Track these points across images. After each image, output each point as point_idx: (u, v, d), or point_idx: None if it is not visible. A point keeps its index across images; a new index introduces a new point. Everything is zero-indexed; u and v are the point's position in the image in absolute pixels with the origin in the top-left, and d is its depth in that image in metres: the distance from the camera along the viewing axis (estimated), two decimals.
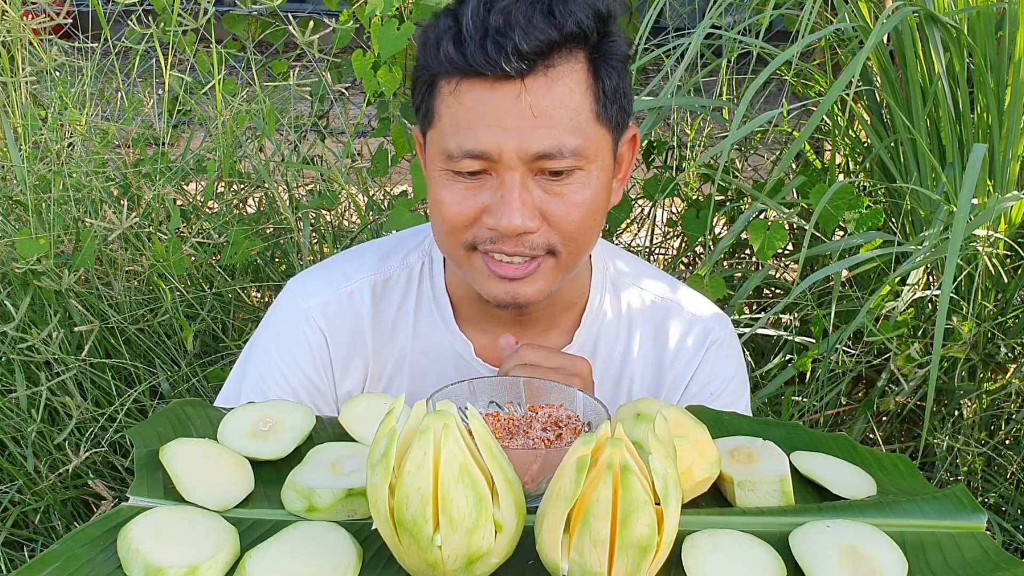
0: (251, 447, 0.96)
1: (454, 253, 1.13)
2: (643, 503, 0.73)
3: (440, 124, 1.08)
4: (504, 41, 1.01)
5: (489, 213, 1.07)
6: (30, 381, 1.90)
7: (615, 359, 1.26)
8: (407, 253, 1.26)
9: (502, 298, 1.11)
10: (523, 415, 0.99)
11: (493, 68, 1.01)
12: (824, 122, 2.18)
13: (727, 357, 1.27)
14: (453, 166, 1.07)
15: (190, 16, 2.06)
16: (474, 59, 1.02)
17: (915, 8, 1.82)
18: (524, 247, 1.08)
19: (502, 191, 1.06)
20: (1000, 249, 1.85)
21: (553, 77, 1.04)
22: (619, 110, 1.10)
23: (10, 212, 2.03)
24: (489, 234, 1.08)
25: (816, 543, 0.84)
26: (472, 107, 1.05)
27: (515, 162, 1.05)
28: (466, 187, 1.08)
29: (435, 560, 0.76)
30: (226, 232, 2.00)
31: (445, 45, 1.04)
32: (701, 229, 2.06)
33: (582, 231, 1.10)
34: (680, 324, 1.26)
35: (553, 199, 1.07)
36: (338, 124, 2.47)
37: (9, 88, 2.06)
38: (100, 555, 0.82)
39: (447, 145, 1.07)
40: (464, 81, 1.05)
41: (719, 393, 1.26)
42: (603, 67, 1.07)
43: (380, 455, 0.76)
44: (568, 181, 1.07)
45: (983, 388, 1.95)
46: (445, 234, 1.11)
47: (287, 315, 1.24)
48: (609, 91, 1.08)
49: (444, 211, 1.09)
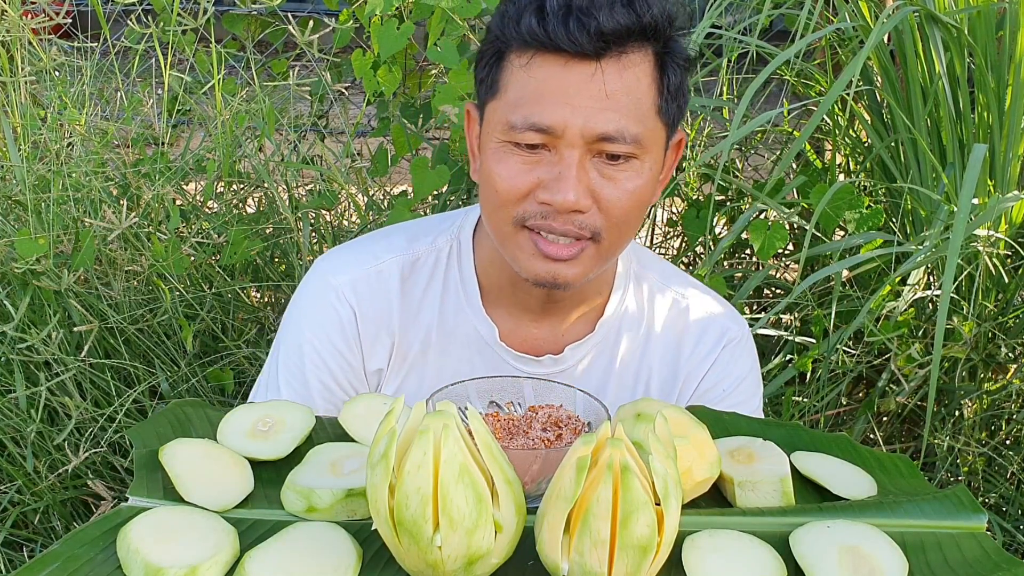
0: (251, 447, 0.96)
1: (502, 228, 1.13)
2: (643, 503, 0.73)
3: (506, 96, 1.10)
4: (587, 20, 1.04)
5: (544, 188, 1.08)
6: (29, 381, 1.90)
7: (634, 352, 1.28)
8: (436, 236, 1.27)
9: (543, 276, 1.12)
10: (523, 415, 0.99)
11: (573, 44, 1.04)
12: (824, 122, 2.18)
13: (741, 356, 1.29)
14: (514, 137, 1.08)
15: (190, 16, 2.06)
16: (555, 33, 1.04)
17: (916, 8, 1.82)
18: (573, 226, 1.09)
19: (560, 167, 1.08)
20: (1001, 249, 1.85)
21: (625, 63, 1.07)
22: (677, 108, 1.13)
23: (9, 212, 2.03)
24: (540, 209, 1.09)
25: (816, 543, 0.84)
26: (544, 81, 1.07)
27: (577, 140, 1.07)
28: (523, 160, 1.09)
29: (435, 560, 0.76)
30: (226, 232, 1.99)
31: (527, 17, 1.06)
32: (701, 229, 2.06)
33: (628, 219, 1.12)
34: (698, 322, 1.29)
35: (607, 183, 1.09)
36: (338, 124, 2.47)
37: (8, 88, 2.06)
38: (100, 555, 0.82)
39: (511, 116, 1.08)
40: (539, 55, 1.07)
41: (731, 391, 1.28)
42: (669, 63, 1.10)
43: (380, 455, 0.76)
44: (623, 167, 1.09)
45: (984, 388, 1.95)
46: (496, 207, 1.12)
47: (317, 292, 1.25)
48: (672, 88, 1.11)
49: (498, 183, 1.11)
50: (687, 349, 1.28)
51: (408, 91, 2.30)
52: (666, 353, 1.28)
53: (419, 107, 2.24)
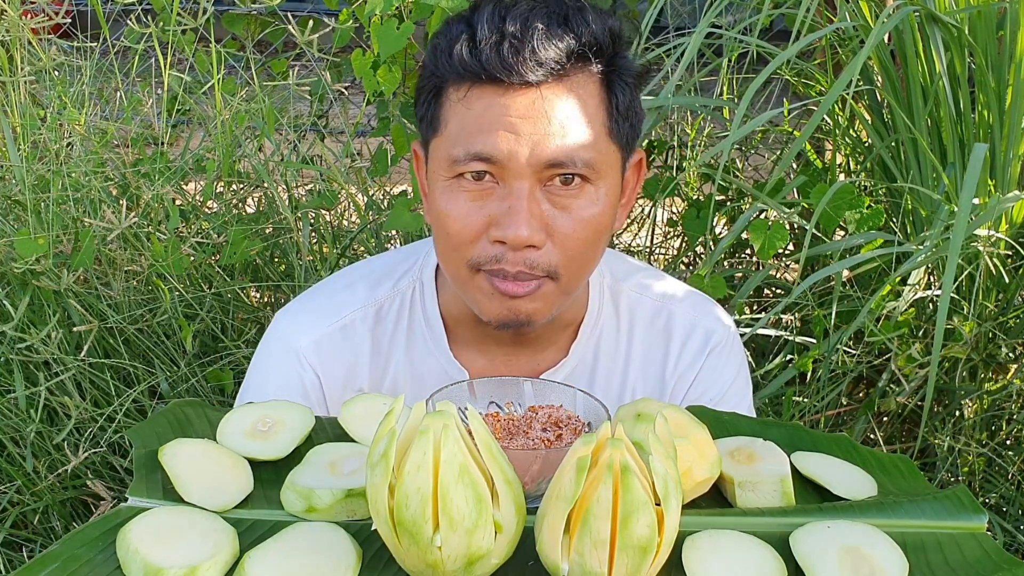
0: (250, 447, 0.96)
1: (458, 273, 1.10)
2: (643, 503, 0.73)
3: (447, 131, 1.06)
4: (521, 46, 1.00)
5: (496, 225, 1.04)
6: (29, 381, 1.89)
7: (616, 371, 1.25)
8: (398, 279, 1.23)
9: (504, 316, 1.08)
10: (523, 415, 0.99)
11: (509, 73, 1.00)
12: (825, 122, 2.17)
13: (728, 361, 1.26)
14: (458, 169, 1.04)
15: (189, 15, 2.06)
16: (488, 63, 1.00)
17: (916, 7, 1.82)
18: (524, 266, 1.05)
19: (510, 201, 1.03)
20: (1001, 249, 1.85)
21: (568, 87, 1.03)
22: (630, 128, 1.09)
23: (9, 212, 2.03)
24: (494, 251, 1.05)
25: (817, 544, 0.84)
26: (482, 113, 1.03)
27: (525, 170, 1.02)
28: (471, 196, 1.05)
29: (435, 561, 0.76)
30: (225, 232, 1.99)
31: (458, 50, 1.02)
32: (701, 229, 2.06)
33: (585, 251, 1.08)
34: (681, 330, 1.25)
35: (560, 214, 1.05)
36: (338, 124, 2.47)
37: (8, 88, 2.06)
38: (99, 555, 0.82)
39: (452, 151, 1.05)
40: (475, 87, 1.03)
41: (720, 397, 1.25)
42: (617, 82, 1.06)
43: (380, 455, 0.76)
44: (577, 194, 1.05)
45: (984, 388, 1.95)
46: (450, 250, 1.08)
47: (278, 357, 1.21)
48: (622, 107, 1.07)
49: (449, 224, 1.06)
50: (671, 361, 1.24)
51: (408, 91, 2.29)
52: (649, 366, 1.25)
53: None
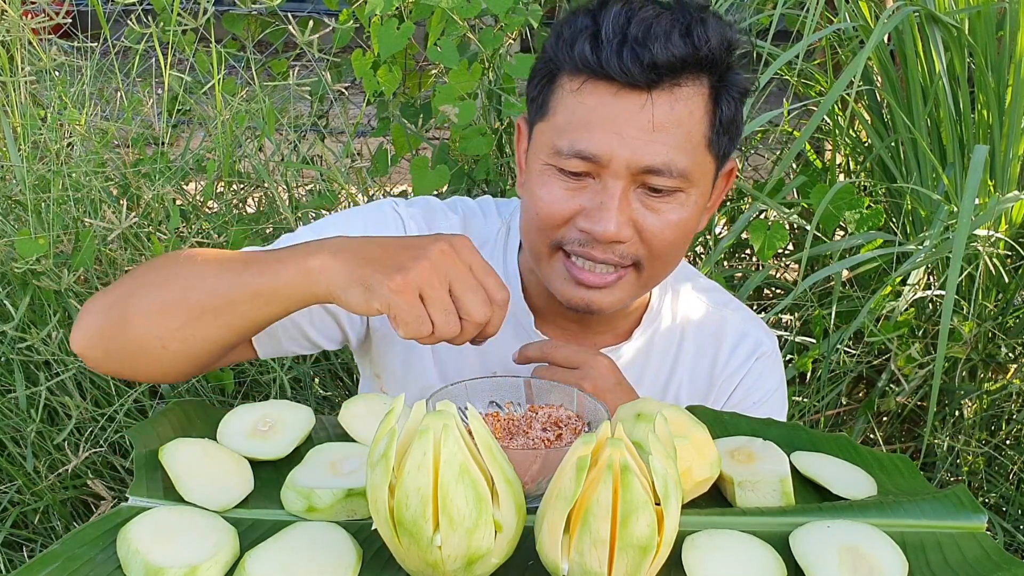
0: (251, 447, 0.96)
1: (538, 249, 1.13)
2: (643, 503, 0.73)
3: (554, 119, 1.09)
4: (641, 51, 1.02)
5: (585, 216, 1.07)
6: (29, 381, 1.90)
7: (666, 363, 1.28)
8: (488, 217, 1.27)
9: (576, 303, 1.12)
10: (523, 415, 0.99)
11: (625, 75, 1.03)
12: (825, 122, 2.18)
13: (772, 370, 1.30)
14: (559, 163, 1.07)
15: (190, 16, 2.06)
16: (608, 63, 1.03)
17: (916, 8, 1.82)
18: (613, 255, 1.08)
19: (603, 197, 1.06)
20: (1001, 249, 1.85)
21: (678, 96, 1.05)
22: (729, 141, 1.11)
23: (9, 212, 2.03)
24: (579, 236, 1.09)
25: (816, 543, 0.84)
26: (593, 108, 1.05)
27: (623, 171, 1.05)
28: (567, 186, 1.08)
29: (435, 560, 0.76)
30: (226, 232, 1.99)
31: (581, 44, 1.05)
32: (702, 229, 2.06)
33: (670, 250, 1.11)
34: (732, 335, 1.29)
35: (649, 214, 1.08)
36: (338, 124, 2.47)
37: (8, 88, 2.06)
38: (100, 555, 0.82)
39: (558, 141, 1.07)
40: (590, 82, 1.05)
41: (761, 402, 1.28)
42: (724, 96, 1.08)
43: (380, 455, 0.76)
44: (667, 200, 1.08)
45: (984, 388, 1.95)
46: (536, 229, 1.12)
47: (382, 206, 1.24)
48: (725, 121, 1.09)
49: (540, 206, 1.10)
50: (721, 360, 1.28)
51: (408, 91, 2.30)
52: (699, 364, 1.28)
53: (419, 107, 2.24)
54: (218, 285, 1.02)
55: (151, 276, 1.07)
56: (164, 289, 1.04)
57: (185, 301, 1.03)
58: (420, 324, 0.95)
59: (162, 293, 1.04)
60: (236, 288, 1.01)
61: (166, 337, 1.04)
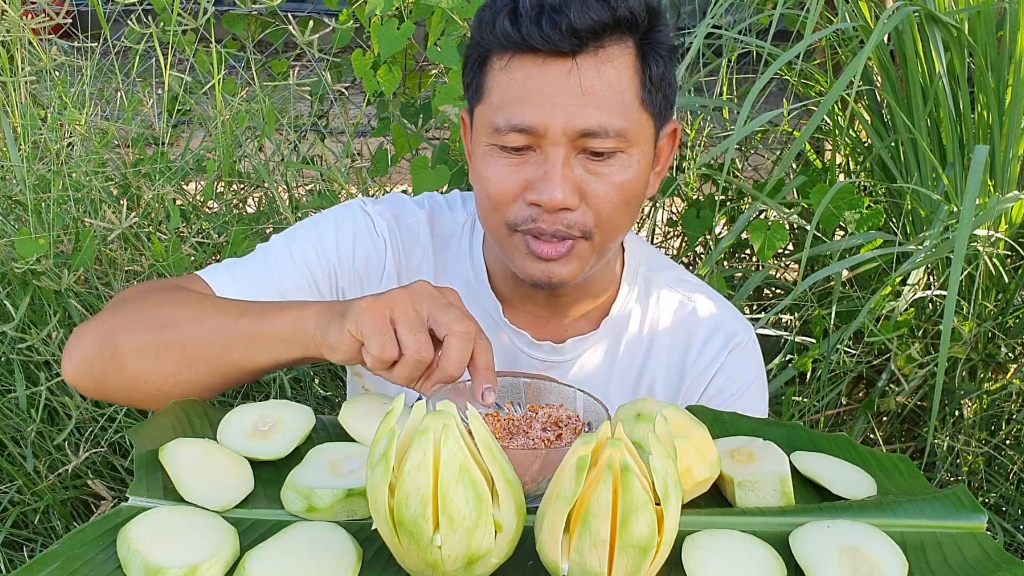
0: (251, 447, 0.96)
1: (496, 231, 1.15)
2: (643, 503, 0.73)
3: (490, 99, 1.11)
4: (559, 18, 1.04)
5: (532, 188, 1.09)
6: (29, 381, 1.90)
7: (638, 353, 1.28)
8: (454, 210, 1.30)
9: (539, 277, 1.14)
10: (523, 415, 0.99)
11: (547, 44, 1.05)
12: (825, 122, 2.18)
13: (748, 362, 1.29)
14: (500, 140, 1.10)
15: (190, 16, 2.06)
16: (529, 34, 1.05)
17: (916, 8, 1.82)
18: (561, 225, 1.10)
19: (545, 167, 1.08)
20: (1000, 249, 1.85)
21: (603, 58, 1.07)
22: (663, 99, 1.13)
23: (10, 212, 2.03)
24: (529, 212, 1.10)
25: (816, 543, 0.84)
26: (523, 82, 1.08)
27: (560, 138, 1.07)
28: (510, 163, 1.10)
29: (435, 560, 0.76)
30: (226, 232, 2.00)
31: (501, 21, 1.08)
32: (701, 229, 2.06)
33: (617, 214, 1.12)
34: (706, 326, 1.28)
35: (593, 179, 1.10)
36: (338, 124, 2.47)
37: (9, 88, 2.06)
38: (100, 555, 0.82)
39: (495, 119, 1.10)
40: (516, 57, 1.08)
41: (739, 395, 1.27)
42: (651, 54, 1.10)
43: (380, 455, 0.76)
44: (609, 162, 1.10)
45: (984, 388, 1.95)
46: (489, 211, 1.14)
47: (351, 206, 1.28)
48: (655, 78, 1.11)
49: (489, 187, 1.12)
50: (693, 352, 1.28)
51: (408, 91, 2.30)
52: (671, 356, 1.28)
53: (419, 107, 2.24)
54: (213, 331, 1.05)
55: (144, 313, 1.09)
56: (159, 332, 1.06)
57: (180, 347, 1.05)
58: (384, 343, 0.95)
59: (157, 336, 1.06)
60: (231, 335, 1.04)
61: (159, 381, 1.06)
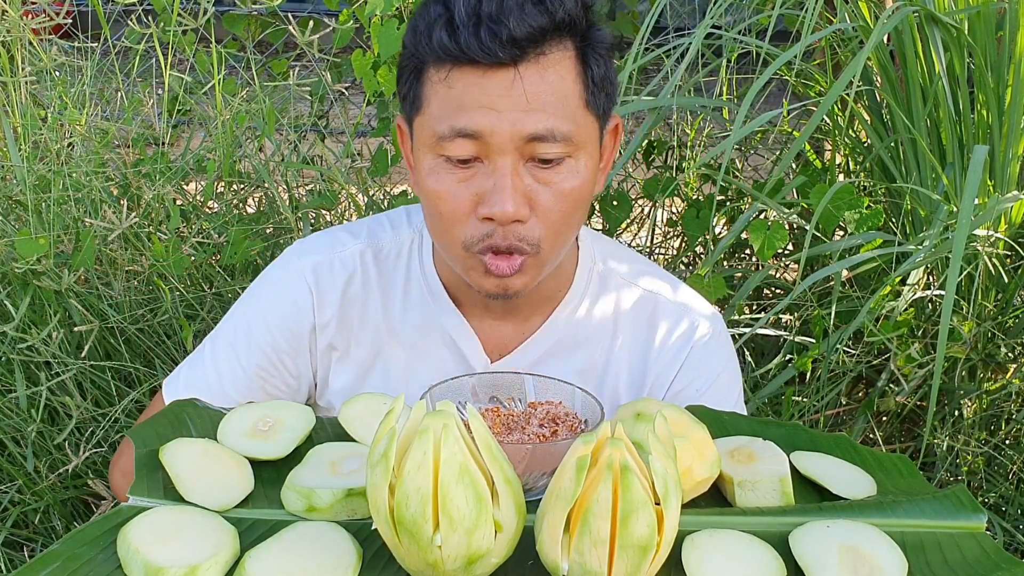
0: (251, 447, 0.96)
1: (451, 250, 1.13)
2: (643, 503, 0.73)
3: (429, 109, 1.08)
4: (498, 28, 1.02)
5: (483, 202, 1.07)
6: (30, 381, 1.90)
7: (599, 353, 1.26)
8: (398, 229, 1.27)
9: (495, 291, 1.13)
10: (522, 411, 1.00)
11: (487, 55, 1.02)
12: (824, 122, 2.18)
13: (714, 354, 1.26)
14: (444, 149, 1.07)
15: (190, 16, 2.06)
16: (468, 46, 1.02)
17: (915, 8, 1.82)
18: (514, 239, 1.08)
19: (495, 178, 1.06)
20: (1000, 249, 1.85)
21: (545, 64, 1.05)
22: (606, 98, 1.12)
23: (10, 212, 2.03)
24: (483, 229, 1.08)
25: (816, 543, 0.84)
26: (464, 91, 1.05)
27: (507, 145, 1.05)
28: (457, 178, 1.08)
29: (435, 560, 0.76)
30: (226, 232, 2.00)
31: (437, 32, 1.04)
32: (701, 229, 2.06)
33: (567, 222, 1.11)
34: (667, 320, 1.26)
35: (542, 188, 1.07)
36: (338, 124, 2.47)
37: (9, 88, 2.06)
38: (100, 555, 0.82)
39: (437, 127, 1.07)
40: (456, 69, 1.05)
41: (705, 390, 1.25)
42: (591, 55, 1.09)
43: (380, 455, 0.76)
44: (558, 169, 1.08)
45: (983, 388, 1.95)
46: (443, 231, 1.12)
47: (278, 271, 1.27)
48: (597, 79, 1.09)
49: (440, 206, 1.09)
50: (655, 348, 1.25)
51: None
52: (633, 354, 1.26)
53: None
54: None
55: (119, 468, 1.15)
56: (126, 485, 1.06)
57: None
58: None
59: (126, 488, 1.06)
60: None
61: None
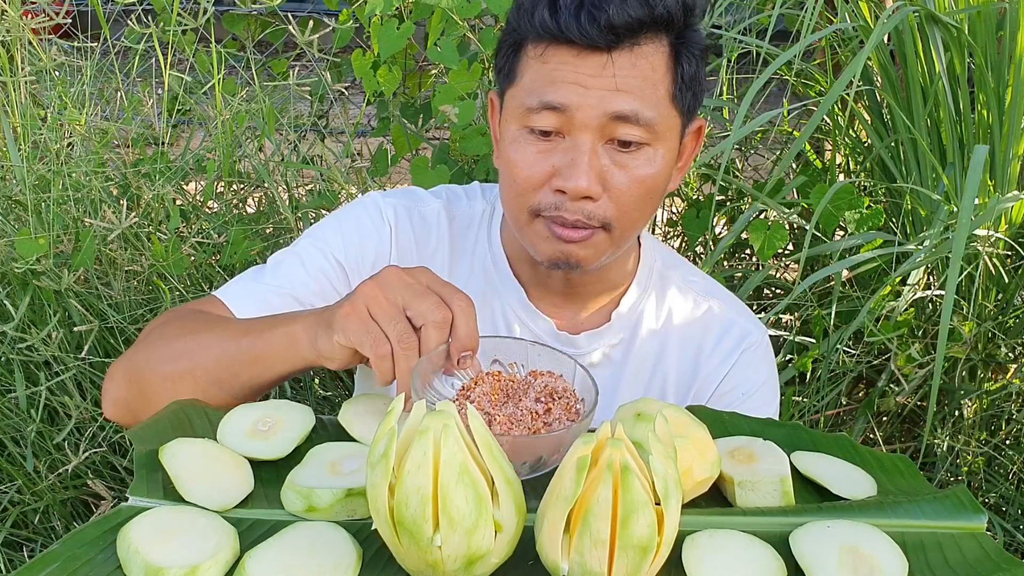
0: (251, 447, 0.96)
1: (519, 216, 1.16)
2: (643, 503, 0.73)
3: (521, 82, 1.13)
4: (598, 14, 1.05)
5: (558, 175, 1.11)
6: (29, 381, 1.90)
7: (651, 350, 1.29)
8: (472, 200, 1.32)
9: (556, 256, 1.15)
10: (523, 378, 1.00)
11: (584, 37, 1.06)
12: (824, 122, 2.18)
13: (761, 362, 1.30)
14: (530, 120, 1.11)
15: (190, 16, 2.06)
16: (567, 27, 1.06)
17: (916, 8, 1.82)
18: (582, 215, 1.11)
19: (573, 154, 1.10)
20: (1000, 249, 1.85)
21: (638, 54, 1.08)
22: (692, 97, 1.15)
23: (10, 212, 2.03)
24: (554, 199, 1.12)
25: (816, 543, 0.84)
26: (557, 67, 1.09)
27: (591, 121, 1.08)
28: (538, 149, 1.12)
29: (435, 560, 0.76)
30: (226, 232, 2.00)
31: (540, 11, 1.09)
32: (701, 229, 2.06)
33: (638, 207, 1.14)
34: (719, 325, 1.30)
35: (618, 170, 1.11)
36: (338, 124, 2.47)
37: (9, 88, 2.06)
38: (100, 555, 0.82)
39: (526, 99, 1.11)
40: (552, 46, 1.09)
41: (750, 395, 1.28)
42: (684, 53, 1.12)
43: (380, 455, 0.76)
44: (635, 155, 1.11)
45: (984, 388, 1.95)
46: (514, 196, 1.15)
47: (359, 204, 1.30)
48: (687, 77, 1.12)
49: (516, 172, 1.13)
50: (707, 351, 1.29)
51: (408, 91, 2.30)
52: (684, 354, 1.29)
53: (419, 107, 2.24)
54: (221, 357, 1.08)
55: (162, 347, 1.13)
56: (175, 364, 1.10)
57: (193, 376, 1.08)
58: (375, 340, 0.96)
59: (173, 368, 1.10)
60: (236, 358, 1.07)
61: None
